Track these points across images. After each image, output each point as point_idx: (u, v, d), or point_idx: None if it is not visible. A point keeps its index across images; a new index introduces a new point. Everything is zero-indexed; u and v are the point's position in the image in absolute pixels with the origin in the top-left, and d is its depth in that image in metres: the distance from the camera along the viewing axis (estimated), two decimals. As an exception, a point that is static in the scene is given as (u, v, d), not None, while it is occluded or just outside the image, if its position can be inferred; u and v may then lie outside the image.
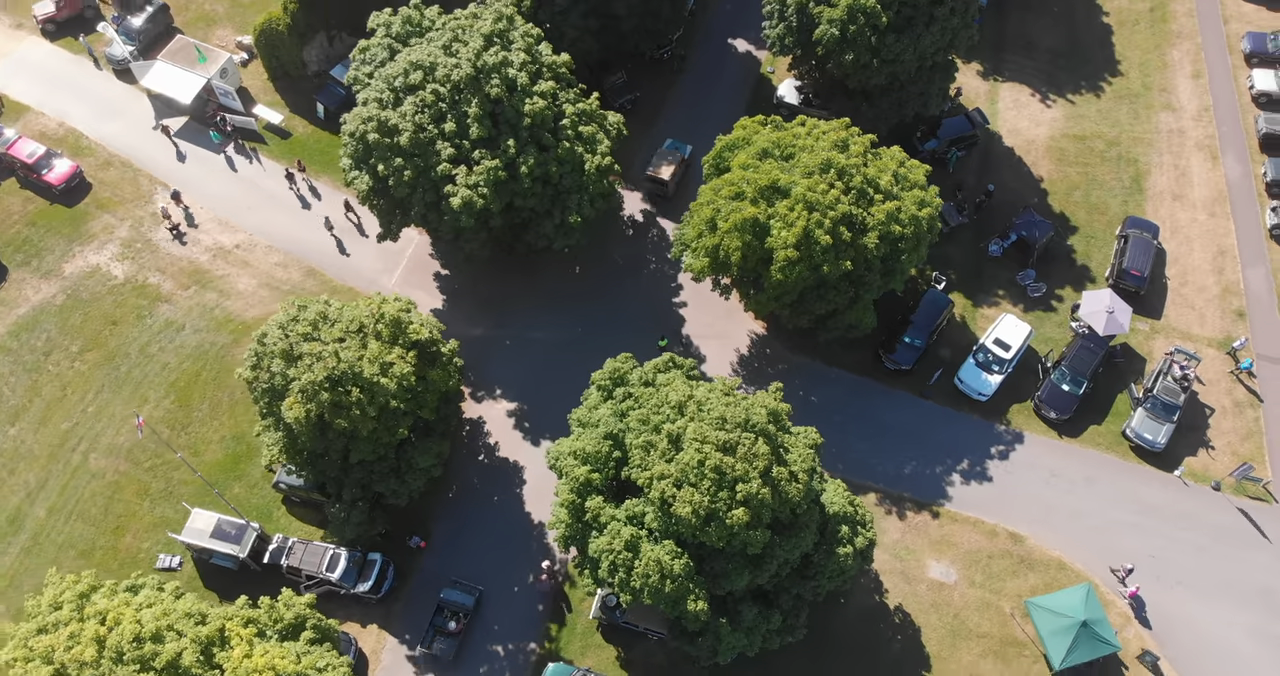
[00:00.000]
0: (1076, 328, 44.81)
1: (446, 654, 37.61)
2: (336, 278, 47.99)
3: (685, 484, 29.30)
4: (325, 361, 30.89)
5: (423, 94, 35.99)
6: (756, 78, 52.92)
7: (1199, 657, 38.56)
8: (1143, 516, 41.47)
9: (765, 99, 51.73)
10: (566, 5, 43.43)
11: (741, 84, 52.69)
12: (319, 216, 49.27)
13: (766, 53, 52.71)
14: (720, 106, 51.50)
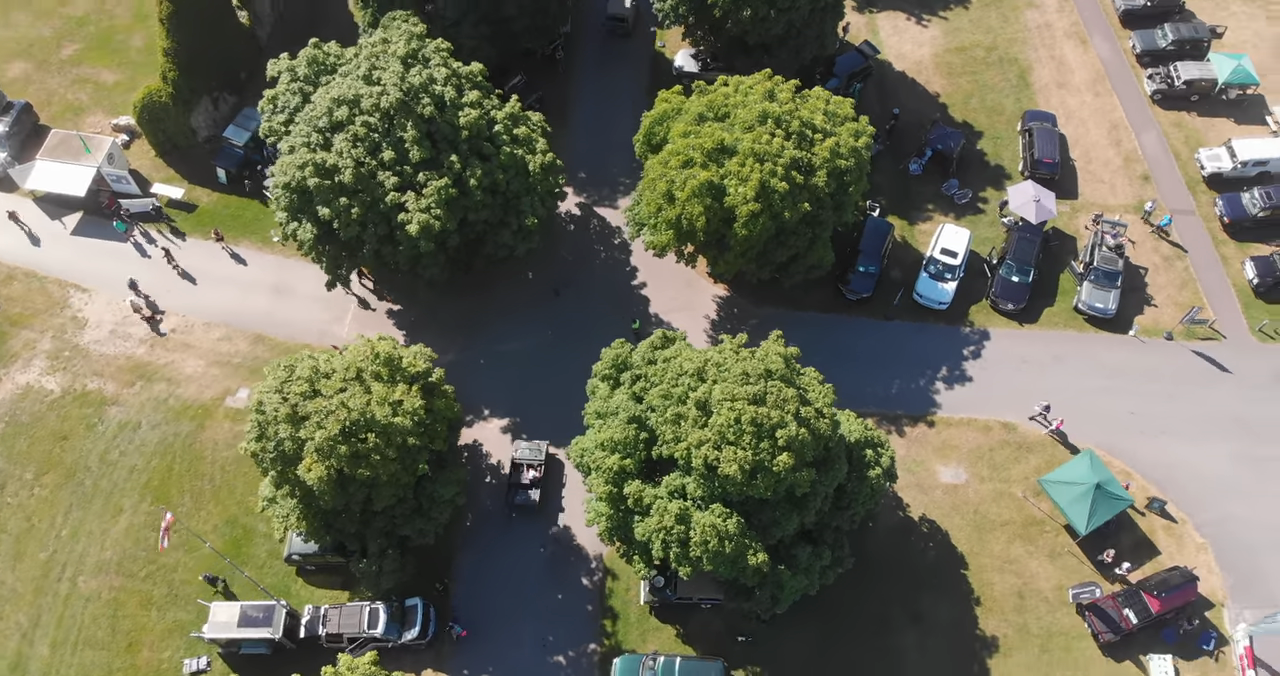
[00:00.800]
0: (1008, 222, 47.38)
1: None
2: (286, 338, 46.41)
3: (725, 444, 29.89)
4: (336, 414, 30.02)
5: (353, 128, 35.09)
6: (651, 54, 53.60)
7: (1198, 492, 41.65)
8: (1112, 379, 44.36)
9: (664, 72, 52.44)
10: (458, 17, 43.00)
11: (638, 63, 53.28)
12: (250, 281, 47.52)
13: (656, 29, 53.59)
14: (624, 89, 52.02)
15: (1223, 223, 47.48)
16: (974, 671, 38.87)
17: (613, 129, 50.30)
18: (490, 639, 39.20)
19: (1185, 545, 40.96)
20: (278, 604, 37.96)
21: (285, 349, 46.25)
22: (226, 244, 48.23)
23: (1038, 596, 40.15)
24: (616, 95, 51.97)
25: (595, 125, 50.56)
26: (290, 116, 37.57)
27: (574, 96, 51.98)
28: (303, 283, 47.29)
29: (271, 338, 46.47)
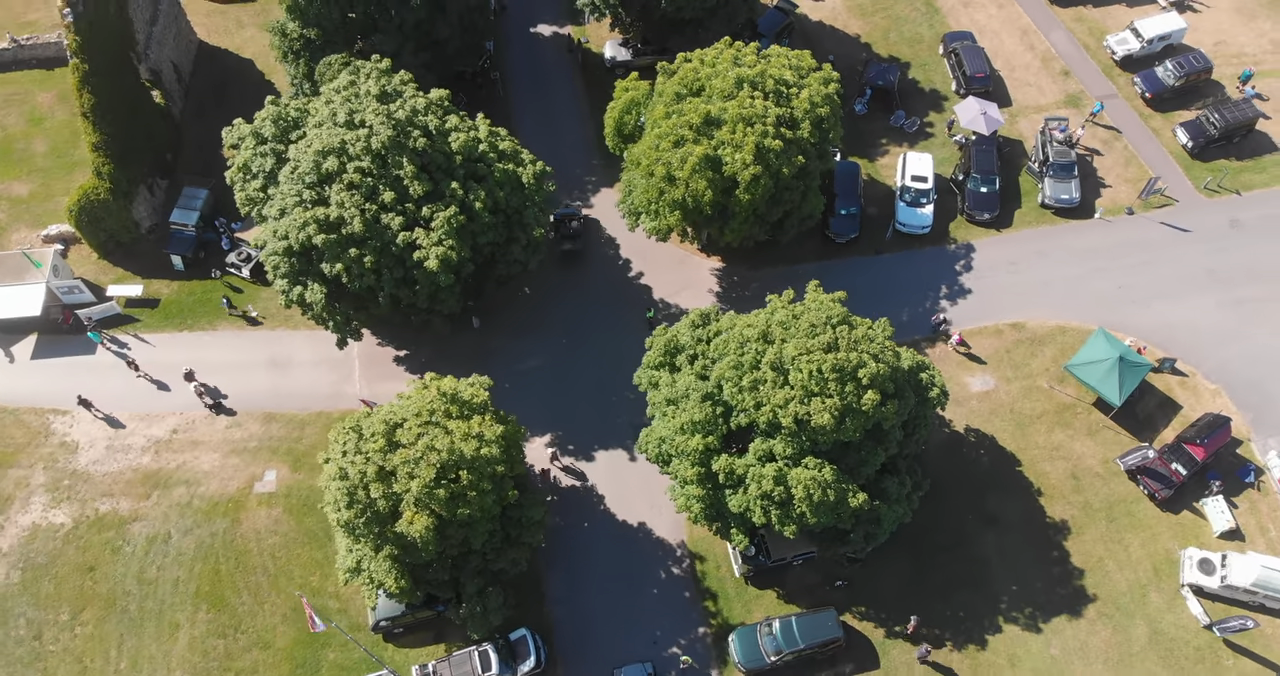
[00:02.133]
0: (960, 140, 49.52)
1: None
2: (299, 410, 44.65)
3: (811, 397, 30.43)
4: (427, 459, 29.12)
5: (346, 177, 33.86)
6: (579, 53, 53.66)
7: (1197, 344, 44.51)
8: (1092, 261, 46.95)
9: (598, 68, 52.65)
10: (395, 49, 42.00)
11: (567, 64, 53.26)
12: (243, 362, 45.47)
13: (574, 26, 53.69)
14: (562, 92, 51.96)
15: (1144, 99, 50.76)
16: (1054, 557, 40.71)
17: (562, 132, 50.23)
18: (600, 647, 38.87)
19: (1201, 394, 43.85)
20: (388, 673, 36.69)
21: (300, 422, 44.53)
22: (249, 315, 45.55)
23: (1090, 474, 42.34)
24: (556, 100, 51.90)
25: (544, 132, 50.26)
26: (266, 181, 35.99)
27: (515, 108, 51.54)
28: (298, 350, 45.57)
29: (282, 413, 44.61)
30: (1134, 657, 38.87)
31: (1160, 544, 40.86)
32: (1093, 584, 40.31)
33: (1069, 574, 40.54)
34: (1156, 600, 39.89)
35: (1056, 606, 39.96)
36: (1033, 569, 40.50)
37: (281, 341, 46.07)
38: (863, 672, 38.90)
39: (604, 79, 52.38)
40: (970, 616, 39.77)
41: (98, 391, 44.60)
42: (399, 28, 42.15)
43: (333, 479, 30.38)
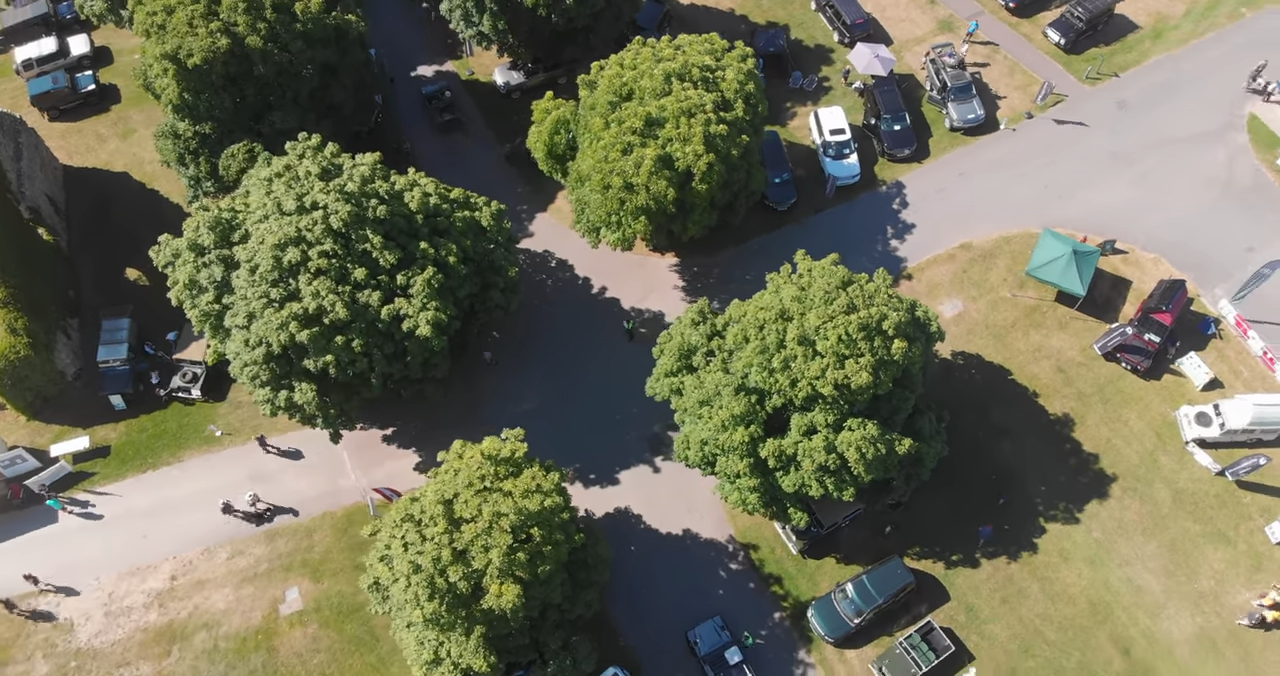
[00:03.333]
0: (859, 86, 51.19)
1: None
2: (303, 518, 42.25)
3: (845, 360, 30.93)
4: (499, 526, 27.97)
5: (312, 264, 31.99)
6: (470, 85, 52.55)
7: (1125, 220, 47.31)
8: (1010, 169, 49.25)
9: (493, 95, 51.76)
10: (297, 122, 39.95)
11: (461, 96, 52.16)
12: (224, 485, 42.68)
13: (463, 60, 52.69)
14: (463, 127, 50.95)
15: (1009, 8, 53.73)
16: (1068, 449, 42.78)
17: (476, 170, 49.29)
18: (688, 661, 38.62)
19: (1144, 266, 46.95)
20: None
21: (305, 530, 42.19)
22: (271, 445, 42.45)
23: (1073, 365, 44.73)
24: (459, 136, 50.83)
25: (459, 170, 49.03)
26: (219, 291, 33.64)
27: (424, 154, 50.15)
28: (278, 458, 43.19)
29: (286, 526, 42.14)
30: (1166, 520, 41.42)
31: (1155, 411, 43.61)
32: (1108, 464, 42.68)
33: (1085, 460, 42.78)
34: (1167, 462, 42.58)
35: (1084, 493, 42.12)
36: (1053, 465, 42.53)
37: (257, 452, 43.50)
38: (937, 608, 40.03)
39: (501, 106, 51.62)
40: (1012, 524, 41.46)
41: (75, 559, 41.02)
42: (295, 101, 40.18)
43: (404, 576, 28.75)
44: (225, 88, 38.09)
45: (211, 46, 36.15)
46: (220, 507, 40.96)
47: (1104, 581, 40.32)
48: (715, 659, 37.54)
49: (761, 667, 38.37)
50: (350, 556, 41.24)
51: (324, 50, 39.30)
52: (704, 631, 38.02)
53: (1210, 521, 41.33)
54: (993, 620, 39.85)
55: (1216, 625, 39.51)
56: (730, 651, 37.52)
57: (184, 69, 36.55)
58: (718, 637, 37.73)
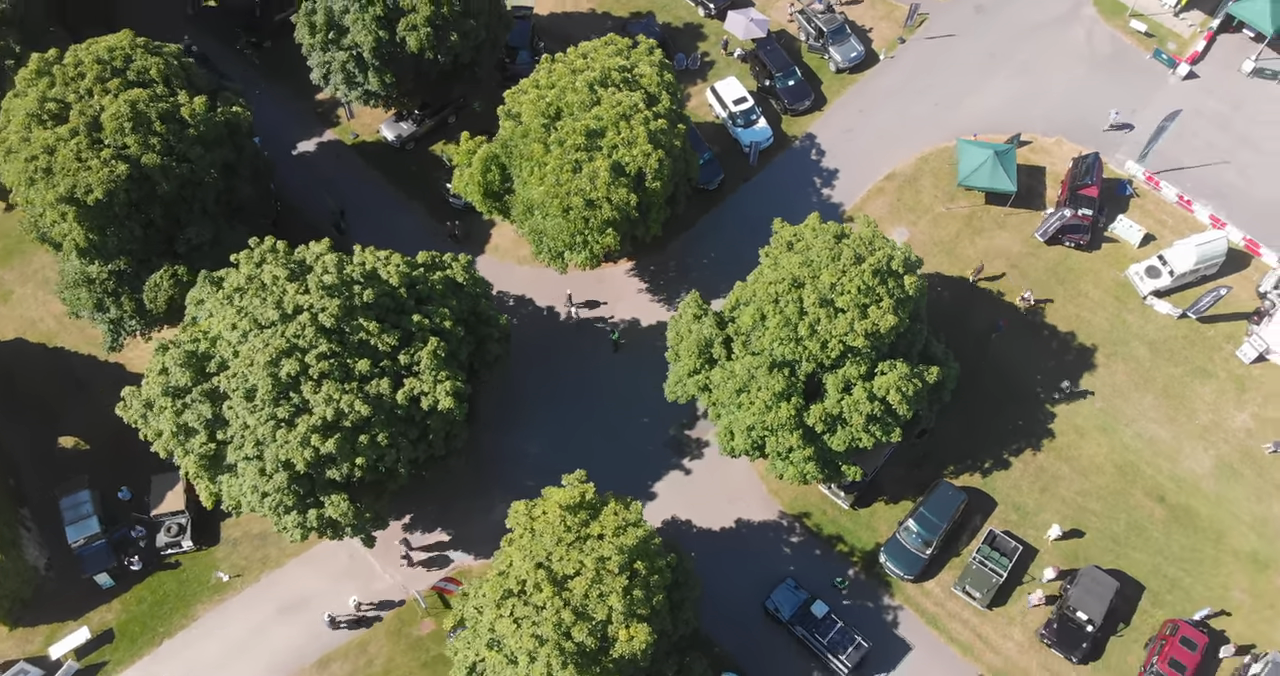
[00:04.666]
0: (740, 53, 52.00)
1: None
2: (349, 637, 39.73)
3: (867, 307, 31.49)
4: (608, 570, 26.89)
5: (313, 370, 29.80)
6: (360, 149, 50.40)
7: (1019, 113, 49.86)
8: (901, 95, 50.79)
9: (386, 151, 49.99)
10: (213, 231, 37.11)
11: (357, 167, 49.98)
12: (254, 628, 39.76)
13: (342, 125, 50.44)
14: (367, 191, 48.93)
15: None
16: (1046, 335, 44.87)
17: (396, 229, 47.58)
18: (787, 645, 38.68)
19: (1050, 150, 49.72)
20: None
21: (359, 646, 39.67)
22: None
23: (1022, 257, 47.04)
24: (367, 203, 48.83)
25: (380, 237, 47.08)
26: (212, 428, 30.92)
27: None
28: (302, 579, 40.53)
29: (336, 649, 39.52)
30: (1150, 372, 44.31)
31: (1107, 277, 46.49)
32: (1084, 336, 45.25)
33: (1064, 339, 45.21)
34: (1134, 320, 45.52)
35: (1074, 369, 44.53)
36: (1040, 354, 44.72)
37: (275, 584, 40.68)
38: (990, 516, 41.57)
39: (397, 161, 49.86)
40: (1024, 417, 43.40)
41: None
42: (204, 211, 37.42)
43: (531, 651, 27.29)
44: (130, 216, 35.04)
45: (110, 176, 33.12)
46: (327, 623, 37.77)
47: (1121, 444, 42.80)
48: (803, 617, 37.47)
49: (853, 622, 38.81)
50: (415, 657, 39.23)
51: (221, 150, 36.72)
52: (780, 597, 38.00)
53: (1188, 361, 44.47)
54: (1040, 510, 41.67)
55: (1227, 451, 42.62)
56: (815, 606, 37.55)
57: (84, 208, 33.35)
58: (795, 598, 37.77)
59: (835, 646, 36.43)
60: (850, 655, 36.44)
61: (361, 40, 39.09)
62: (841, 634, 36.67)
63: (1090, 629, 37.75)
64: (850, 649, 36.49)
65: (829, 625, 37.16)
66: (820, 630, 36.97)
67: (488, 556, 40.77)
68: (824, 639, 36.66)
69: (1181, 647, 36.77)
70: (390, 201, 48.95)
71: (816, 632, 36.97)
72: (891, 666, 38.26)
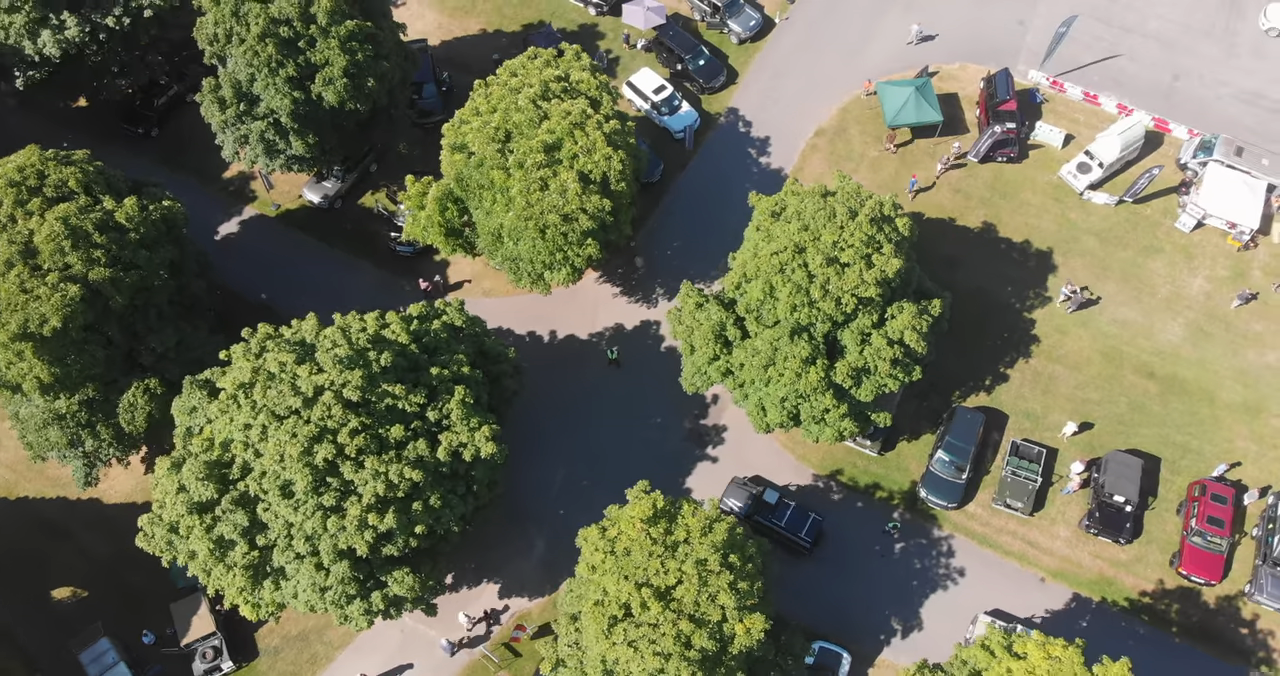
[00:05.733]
0: (644, 44, 51.95)
1: None
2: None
3: (870, 257, 31.97)
4: (709, 570, 26.33)
5: (349, 449, 28.10)
6: (286, 218, 48.29)
7: (921, 46, 51.99)
8: (807, 52, 51.48)
9: (316, 215, 48.02)
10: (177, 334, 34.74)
11: (284, 232, 47.85)
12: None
13: (261, 199, 48.24)
14: (308, 256, 46.92)
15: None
16: (1003, 249, 46.53)
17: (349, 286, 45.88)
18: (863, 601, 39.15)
19: (957, 75, 51.32)
20: None
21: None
22: None
23: (962, 180, 48.60)
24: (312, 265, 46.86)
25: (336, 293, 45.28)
26: (251, 535, 28.82)
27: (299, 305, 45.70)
28: (360, 669, 38.69)
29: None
30: (1105, 260, 46.51)
31: (1042, 182, 48.53)
32: (1038, 241, 47.12)
33: (1022, 248, 46.98)
34: (1078, 217, 47.70)
35: (1038, 274, 46.36)
36: (1002, 265, 46.32)
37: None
38: (1006, 431, 42.92)
39: (329, 221, 48.01)
40: (1007, 330, 44.93)
41: None
42: (160, 316, 35.01)
43: (660, 669, 26.62)
44: (89, 339, 32.45)
45: (64, 301, 30.52)
46: (446, 650, 36.01)
47: (1100, 333, 44.85)
48: (758, 508, 38.66)
49: (913, 556, 39.53)
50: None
51: (165, 249, 34.39)
52: (731, 495, 38.92)
53: (1136, 242, 46.92)
54: (1048, 412, 43.32)
55: (1193, 316, 45.20)
56: (766, 494, 38.98)
57: (42, 341, 30.66)
58: (745, 492, 39.00)
59: (794, 526, 38.02)
60: (809, 530, 38.12)
61: (278, 105, 37.17)
62: (797, 513, 38.32)
63: (1129, 509, 39.46)
64: (808, 524, 38.15)
65: (783, 508, 38.63)
66: (776, 515, 38.17)
67: (542, 595, 39.83)
68: (782, 521, 38.08)
69: (1214, 504, 38.84)
70: (335, 264, 47.07)
71: (774, 517, 38.22)
72: (960, 592, 39.16)
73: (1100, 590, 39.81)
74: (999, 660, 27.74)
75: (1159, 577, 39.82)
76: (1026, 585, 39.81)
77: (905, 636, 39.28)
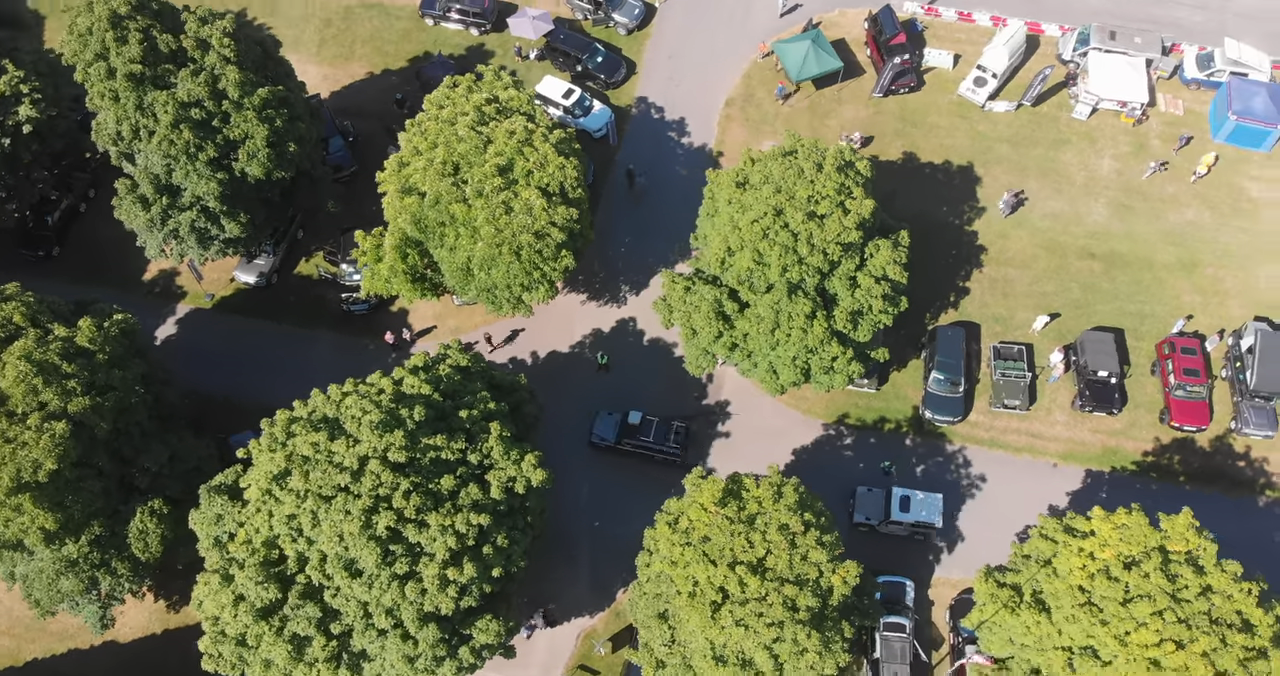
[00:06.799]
0: (536, 53, 51.70)
1: None
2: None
3: (844, 203, 32.96)
4: (794, 530, 26.64)
5: (407, 512, 27.01)
6: (224, 306, 46.17)
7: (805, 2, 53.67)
8: (698, 29, 51.98)
9: (254, 296, 46.01)
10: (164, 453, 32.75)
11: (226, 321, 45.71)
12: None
13: (192, 293, 46.06)
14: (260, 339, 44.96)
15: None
16: (929, 171, 48.61)
17: (313, 359, 44.35)
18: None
19: (840, 23, 53.04)
20: None
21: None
22: None
23: (872, 118, 50.09)
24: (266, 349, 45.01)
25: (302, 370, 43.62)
26: (325, 628, 27.45)
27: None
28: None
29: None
30: (1022, 161, 49.12)
31: (944, 102, 50.71)
32: (957, 157, 49.24)
33: (946, 169, 49.07)
34: (985, 128, 50.08)
35: (966, 191, 48.52)
36: (933, 189, 48.24)
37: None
38: (982, 338, 44.93)
39: (270, 300, 46.18)
40: (953, 246, 46.92)
41: None
42: (144, 434, 32.98)
43: (775, 638, 26.85)
44: (83, 476, 30.30)
45: (54, 441, 28.34)
46: None
47: (1036, 229, 47.42)
48: (626, 432, 39.52)
49: (934, 475, 41.18)
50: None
51: (133, 364, 32.38)
52: (600, 429, 40.11)
53: (1043, 140, 49.69)
54: (1013, 313, 45.60)
55: (1112, 194, 48.27)
56: (630, 416, 39.92)
57: (40, 488, 28.43)
58: (610, 420, 40.00)
59: (661, 439, 39.20)
60: (674, 439, 39.47)
61: (204, 191, 35.39)
62: (661, 426, 39.57)
63: (1114, 380, 42.02)
64: (672, 435, 39.50)
65: (648, 426, 39.74)
66: (643, 432, 39.54)
67: (601, 609, 39.68)
68: (649, 438, 39.37)
69: (1185, 357, 41.78)
70: (289, 339, 45.31)
71: (641, 437, 39.50)
72: (985, 497, 40.93)
73: (1108, 461, 42.27)
74: (1064, 544, 29.18)
75: (1155, 436, 42.57)
76: (1042, 474, 41.95)
77: (951, 551, 40.80)
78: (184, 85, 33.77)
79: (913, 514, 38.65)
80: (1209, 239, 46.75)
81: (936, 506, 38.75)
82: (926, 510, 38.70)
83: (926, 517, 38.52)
